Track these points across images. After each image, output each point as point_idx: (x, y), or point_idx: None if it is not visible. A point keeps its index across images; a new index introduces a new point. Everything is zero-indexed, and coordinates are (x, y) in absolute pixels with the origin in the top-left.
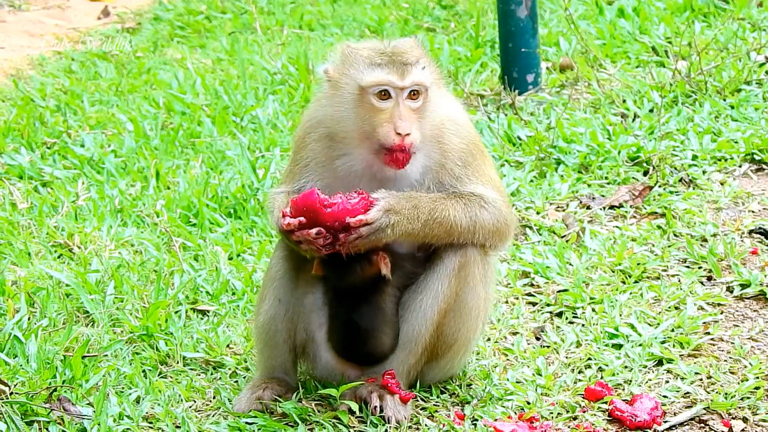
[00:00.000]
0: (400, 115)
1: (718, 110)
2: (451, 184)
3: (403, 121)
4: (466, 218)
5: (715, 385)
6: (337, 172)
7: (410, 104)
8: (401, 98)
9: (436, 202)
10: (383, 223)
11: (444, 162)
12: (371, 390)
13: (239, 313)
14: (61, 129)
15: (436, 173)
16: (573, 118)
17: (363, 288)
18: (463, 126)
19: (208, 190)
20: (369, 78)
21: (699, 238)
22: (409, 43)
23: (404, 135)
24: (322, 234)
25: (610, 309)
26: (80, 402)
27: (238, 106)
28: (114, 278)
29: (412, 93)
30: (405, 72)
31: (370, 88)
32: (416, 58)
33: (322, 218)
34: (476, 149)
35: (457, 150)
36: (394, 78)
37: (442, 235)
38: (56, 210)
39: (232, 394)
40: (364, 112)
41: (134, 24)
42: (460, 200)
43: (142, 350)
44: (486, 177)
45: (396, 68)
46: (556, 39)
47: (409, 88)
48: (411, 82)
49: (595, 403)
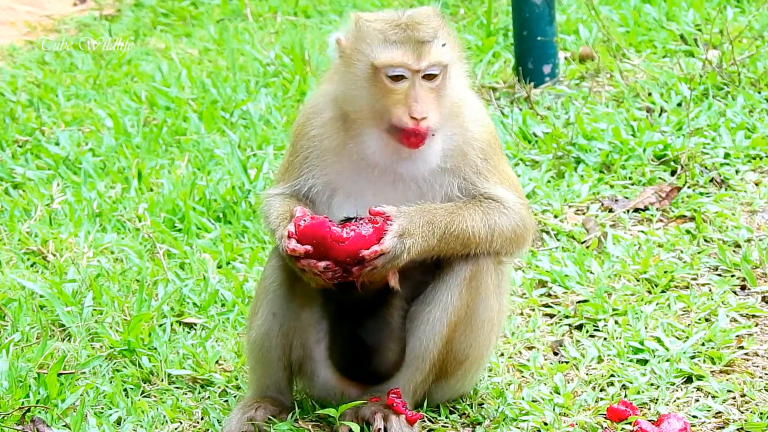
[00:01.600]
0: (416, 97)
1: (753, 104)
2: (472, 180)
3: (419, 104)
4: (485, 228)
5: (750, 404)
6: (350, 156)
7: (427, 84)
8: (417, 79)
9: (452, 214)
10: (398, 250)
11: (466, 150)
12: (375, 410)
13: (229, 326)
14: (34, 126)
15: (458, 162)
16: (594, 113)
17: (369, 301)
18: (481, 112)
19: (194, 192)
20: (382, 57)
21: (732, 244)
22: (427, 13)
23: (420, 119)
24: (332, 268)
25: (634, 321)
26: (56, 423)
27: (227, 100)
28: (92, 288)
29: (429, 75)
30: (422, 52)
31: (384, 69)
32: (434, 33)
33: (334, 254)
34: (495, 142)
35: (479, 139)
36: (410, 59)
37: (458, 248)
38: (29, 214)
39: (221, 415)
40: (378, 91)
41: (113, 11)
42: (479, 208)
43: (124, 367)
44: (505, 175)
45: (412, 48)
46: (575, 26)
47: (425, 71)
48: (428, 64)
49: (618, 424)
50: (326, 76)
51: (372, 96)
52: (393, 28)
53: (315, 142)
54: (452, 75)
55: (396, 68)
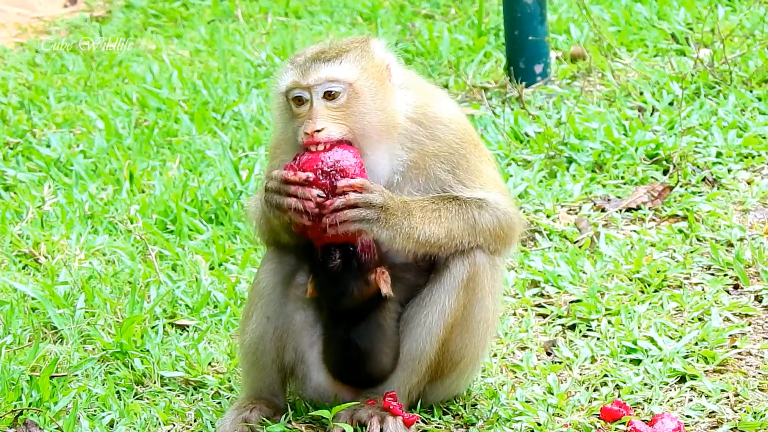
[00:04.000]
0: (310, 115)
1: (745, 103)
2: (443, 189)
3: (313, 119)
4: (462, 221)
5: (743, 403)
6: None
7: (328, 103)
8: (315, 98)
9: (431, 202)
10: (375, 199)
11: (423, 165)
12: (372, 414)
13: (222, 327)
14: (25, 128)
15: (415, 176)
16: (585, 113)
17: (362, 306)
18: (446, 125)
19: (186, 194)
20: (281, 83)
21: (724, 243)
22: (351, 40)
23: (311, 132)
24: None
25: (627, 321)
26: (48, 426)
27: (218, 101)
28: (84, 291)
29: (328, 93)
30: (310, 70)
31: (285, 93)
32: (336, 54)
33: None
34: (467, 148)
35: (436, 153)
36: (299, 77)
37: (442, 240)
38: (20, 216)
39: (214, 417)
40: (288, 117)
41: (104, 12)
42: (454, 202)
43: (116, 369)
44: (483, 177)
45: (305, 67)
46: (566, 26)
47: (319, 87)
48: (315, 80)
49: (612, 424)
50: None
51: (286, 123)
52: (299, 56)
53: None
54: (368, 94)
55: (292, 89)
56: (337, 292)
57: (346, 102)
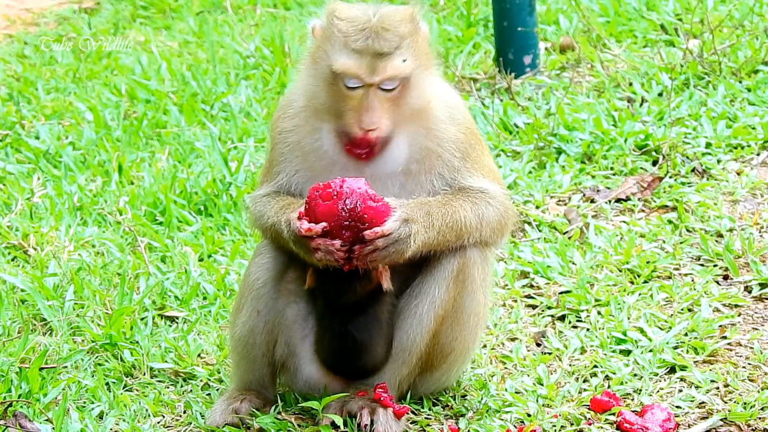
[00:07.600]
0: (367, 107)
1: (734, 93)
2: (452, 176)
3: (370, 113)
4: (475, 218)
5: (733, 393)
6: (318, 152)
7: (384, 94)
8: (372, 89)
9: (446, 206)
10: (402, 234)
11: (439, 152)
12: (362, 405)
13: (211, 319)
14: (14, 119)
15: (432, 162)
16: (575, 104)
17: (361, 299)
18: (459, 113)
19: (175, 185)
20: (339, 64)
21: (714, 234)
22: (400, 17)
23: (368, 130)
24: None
25: (617, 312)
26: (38, 418)
27: (207, 92)
28: (74, 282)
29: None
30: (377, 68)
31: (340, 75)
32: (397, 44)
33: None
34: (474, 138)
35: (453, 140)
36: (364, 73)
37: (452, 240)
38: (9, 208)
39: (204, 408)
40: (335, 93)
41: (92, 4)
42: (468, 199)
43: (105, 361)
44: (486, 168)
45: (369, 60)
46: (555, 16)
47: (379, 84)
48: (381, 79)
49: (601, 415)
50: (300, 67)
51: (330, 97)
52: (356, 33)
53: (288, 136)
54: (415, 83)
55: (350, 78)
56: (341, 289)
57: (398, 93)
